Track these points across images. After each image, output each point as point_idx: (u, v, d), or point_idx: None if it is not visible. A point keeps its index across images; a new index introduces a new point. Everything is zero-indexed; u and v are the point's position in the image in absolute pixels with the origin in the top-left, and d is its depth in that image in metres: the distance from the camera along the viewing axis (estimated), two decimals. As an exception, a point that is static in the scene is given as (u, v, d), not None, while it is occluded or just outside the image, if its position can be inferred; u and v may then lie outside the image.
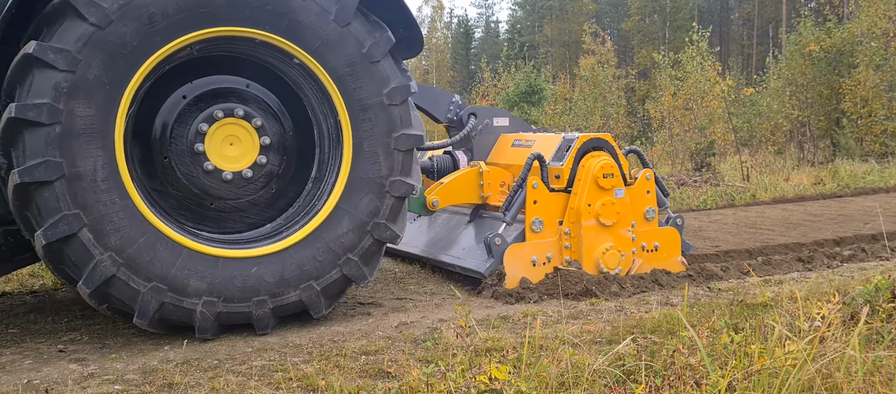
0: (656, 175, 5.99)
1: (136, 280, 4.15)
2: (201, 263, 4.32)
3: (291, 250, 4.54)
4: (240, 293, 4.39)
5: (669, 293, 5.50)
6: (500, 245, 5.40)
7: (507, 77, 26.36)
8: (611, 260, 5.57)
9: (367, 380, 3.60)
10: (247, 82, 4.96)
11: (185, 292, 4.26)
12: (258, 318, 4.45)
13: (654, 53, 24.23)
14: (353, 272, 4.66)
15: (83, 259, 4.04)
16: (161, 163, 4.79)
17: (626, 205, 5.68)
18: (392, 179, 4.72)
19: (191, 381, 3.62)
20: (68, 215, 3.97)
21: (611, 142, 5.86)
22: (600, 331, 4.34)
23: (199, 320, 4.30)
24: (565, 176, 5.64)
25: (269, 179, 4.94)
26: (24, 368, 3.97)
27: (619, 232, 5.65)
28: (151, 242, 4.18)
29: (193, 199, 4.84)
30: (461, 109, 6.63)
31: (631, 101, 36.33)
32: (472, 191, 6.06)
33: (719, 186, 13.13)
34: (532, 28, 62.66)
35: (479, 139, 6.52)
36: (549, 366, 3.31)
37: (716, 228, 8.56)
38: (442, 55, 60.85)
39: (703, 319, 4.21)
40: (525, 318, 4.73)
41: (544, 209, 5.54)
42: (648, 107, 24.94)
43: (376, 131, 4.68)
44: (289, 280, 4.51)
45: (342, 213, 4.64)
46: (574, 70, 41.98)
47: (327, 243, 4.59)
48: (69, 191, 3.96)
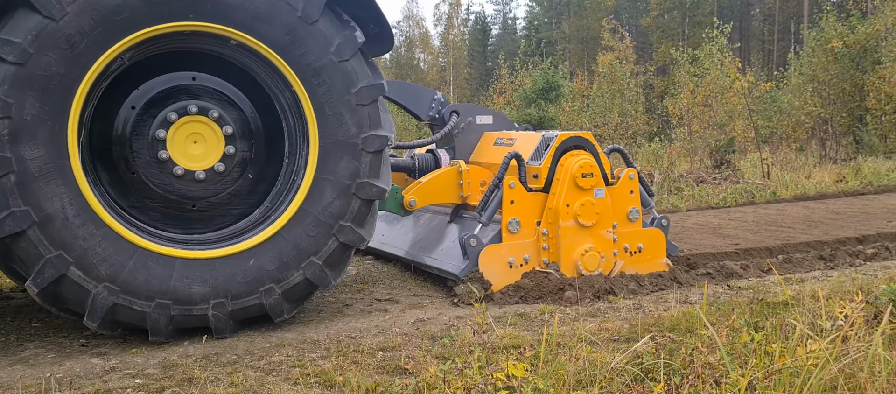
0: (640, 174, 5.83)
1: (137, 302, 4.13)
2: (199, 269, 4.28)
3: (270, 241, 4.45)
4: (245, 288, 4.37)
5: (688, 291, 5.45)
6: (475, 246, 5.24)
7: (524, 74, 26.28)
8: (590, 262, 5.38)
9: (384, 376, 3.61)
10: (193, 75, 4.81)
11: (191, 301, 4.24)
12: (271, 306, 4.43)
13: (673, 50, 24.02)
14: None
15: (80, 296, 4.03)
16: (131, 179, 4.70)
17: (607, 205, 5.51)
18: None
19: (210, 376, 3.65)
20: (52, 258, 3.92)
21: (591, 140, 5.70)
22: (618, 329, 4.32)
23: (213, 322, 4.31)
24: (543, 175, 5.48)
25: (244, 166, 4.84)
26: (47, 361, 4.03)
27: (600, 233, 5.47)
28: (142, 262, 4.14)
29: (174, 206, 4.76)
30: (443, 106, 6.46)
31: (649, 97, 36.06)
32: (452, 190, 5.91)
33: (739, 183, 12.99)
34: (550, 25, 62.41)
35: (462, 137, 6.36)
36: (566, 363, 3.29)
37: (736, 226, 8.47)
38: (459, 52, 60.83)
39: (723, 317, 4.17)
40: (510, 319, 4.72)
41: (521, 210, 5.39)
42: (667, 103, 24.71)
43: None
44: (288, 263, 4.45)
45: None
46: (592, 67, 41.80)
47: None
48: (45, 235, 3.90)
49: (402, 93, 6.54)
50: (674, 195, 11.74)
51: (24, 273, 4.03)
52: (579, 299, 5.06)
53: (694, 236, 7.78)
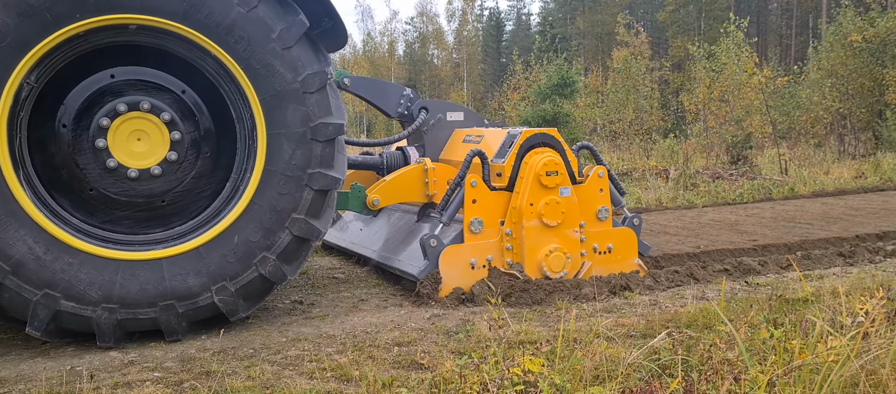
0: (610, 172, 5.65)
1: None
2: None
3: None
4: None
5: (705, 288, 5.42)
6: (435, 247, 5.07)
7: (538, 70, 26.19)
8: (555, 263, 5.20)
9: (400, 371, 3.62)
10: (111, 72, 4.55)
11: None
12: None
13: (689, 45, 23.83)
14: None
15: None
16: (92, 196, 4.52)
17: (574, 204, 5.32)
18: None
19: (227, 369, 3.68)
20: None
21: (557, 137, 5.50)
22: (634, 325, 4.30)
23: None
24: (507, 174, 5.30)
25: (196, 149, 4.65)
26: (67, 354, 4.07)
27: (565, 233, 5.29)
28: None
29: (141, 208, 4.60)
30: (412, 102, 6.31)
31: (664, 93, 35.79)
32: (417, 189, 5.73)
33: (756, 179, 12.88)
34: (564, 20, 62.11)
35: (431, 134, 6.22)
36: (583, 359, 3.28)
37: (753, 222, 8.40)
38: (473, 48, 60.70)
39: (741, 314, 4.13)
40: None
41: (484, 209, 5.21)
42: (682, 99, 24.55)
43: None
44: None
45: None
46: (606, 62, 41.57)
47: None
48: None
49: (370, 89, 6.38)
50: (689, 191, 11.66)
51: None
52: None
53: (710, 233, 7.72)
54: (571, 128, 16.13)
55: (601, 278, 5.27)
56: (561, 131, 15.62)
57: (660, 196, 11.06)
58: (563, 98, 16.43)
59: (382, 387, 3.26)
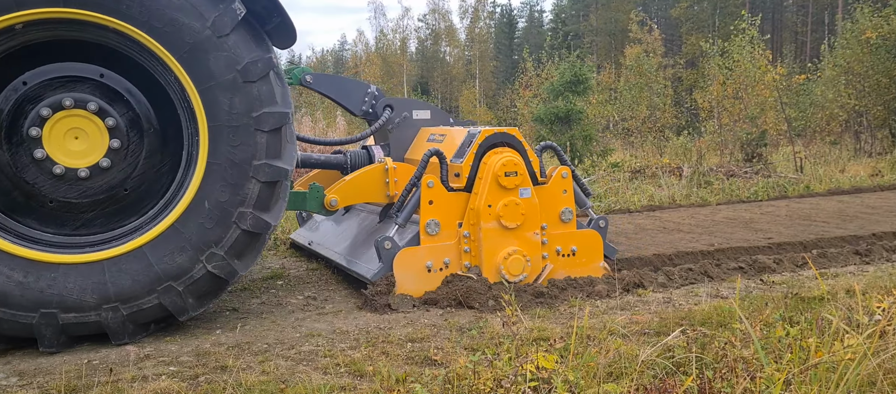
0: (575, 173, 5.50)
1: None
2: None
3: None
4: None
5: (719, 286, 5.39)
6: (389, 249, 4.93)
7: (550, 67, 26.12)
8: (514, 266, 5.05)
9: (413, 367, 3.62)
10: (23, 80, 4.30)
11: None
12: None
13: (703, 42, 23.67)
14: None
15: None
16: (51, 207, 4.40)
17: (534, 206, 5.15)
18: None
19: (242, 364, 3.70)
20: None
21: (518, 137, 5.33)
22: (648, 322, 4.28)
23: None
24: (465, 174, 5.15)
25: (136, 130, 4.47)
26: (83, 348, 4.11)
27: (525, 235, 5.13)
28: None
29: (107, 203, 4.49)
30: (377, 100, 6.16)
31: (678, 90, 35.59)
32: (377, 189, 5.58)
33: (771, 177, 12.78)
34: (577, 17, 61.89)
35: (397, 133, 6.08)
36: (596, 356, 3.28)
37: (768, 220, 8.34)
38: (485, 45, 60.64)
39: (756, 312, 4.11)
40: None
41: (441, 210, 5.06)
42: (696, 96, 24.38)
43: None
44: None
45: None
46: (619, 59, 41.36)
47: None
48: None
49: (333, 86, 6.22)
50: (703, 189, 11.59)
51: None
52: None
53: (725, 230, 7.68)
54: (584, 125, 16.04)
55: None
56: (574, 128, 15.66)
57: (673, 194, 11.01)
58: (575, 95, 16.34)
59: (396, 382, 3.26)
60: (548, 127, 16.48)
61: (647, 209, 9.88)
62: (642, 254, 6.36)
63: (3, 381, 3.55)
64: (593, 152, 15.49)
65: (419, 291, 4.94)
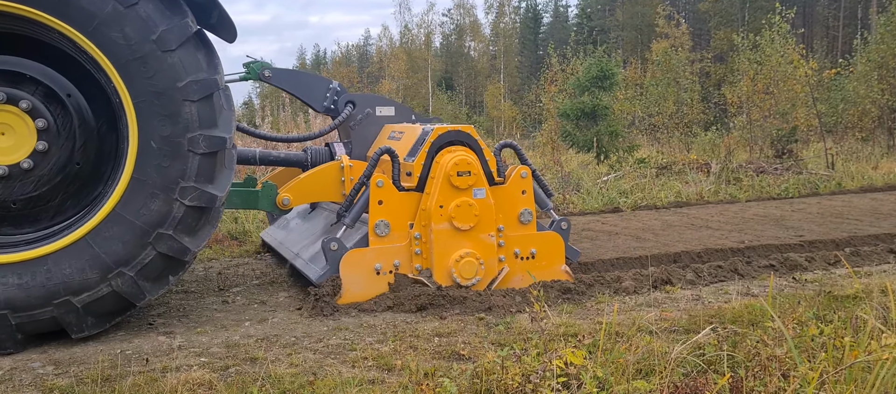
0: (535, 172, 5.31)
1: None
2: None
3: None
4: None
5: (749, 283, 5.32)
6: (336, 251, 4.78)
7: (575, 62, 25.93)
8: (466, 269, 4.85)
9: (440, 361, 3.63)
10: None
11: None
12: (65, 320, 4.03)
13: (734, 35, 23.32)
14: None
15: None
16: (17, 209, 4.31)
17: (489, 207, 4.95)
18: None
19: (271, 356, 3.74)
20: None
21: (473, 135, 5.14)
22: (677, 319, 4.24)
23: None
24: (417, 173, 4.97)
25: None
26: (117, 339, 4.19)
27: (480, 237, 4.93)
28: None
29: (66, 192, 4.38)
30: (339, 96, 6.01)
31: (705, 85, 35.11)
32: (332, 188, 5.42)
33: (802, 174, 12.57)
34: (603, 12, 61.36)
35: (360, 130, 5.96)
36: (625, 352, 3.25)
37: (799, 218, 8.20)
38: (509, 41, 60.36)
39: (789, 310, 4.04)
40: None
41: (391, 211, 4.88)
42: (725, 91, 24.02)
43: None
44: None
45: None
46: (646, 54, 40.92)
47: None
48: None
49: (293, 82, 6.09)
50: (732, 186, 11.44)
51: None
52: None
53: (754, 227, 7.57)
54: (610, 121, 15.91)
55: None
56: (600, 124, 15.53)
57: (701, 190, 10.88)
58: (601, 91, 16.21)
59: (424, 377, 3.27)
60: (573, 122, 16.37)
61: (675, 206, 9.78)
62: (670, 251, 6.30)
63: (40, 370, 3.63)
64: (619, 148, 15.35)
65: (367, 295, 4.76)
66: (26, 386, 3.38)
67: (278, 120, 16.93)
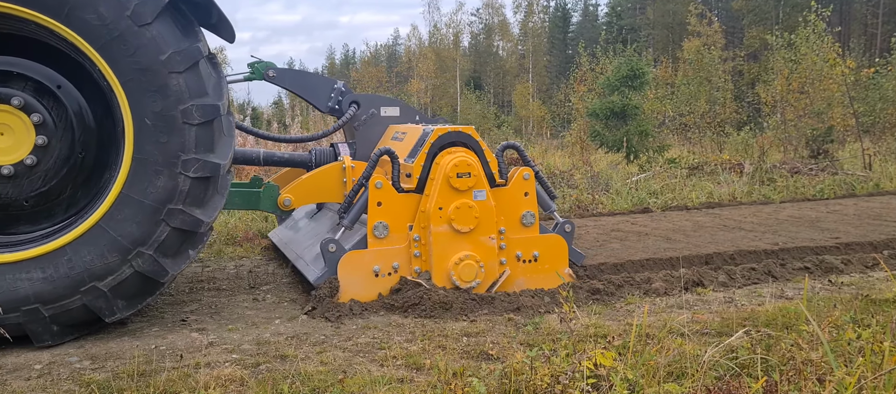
0: (538, 174, 5.21)
1: None
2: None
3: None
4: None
5: (783, 286, 5.22)
6: (334, 252, 4.74)
7: (605, 61, 25.73)
8: (466, 272, 4.78)
9: (469, 361, 3.63)
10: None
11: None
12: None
13: (767, 34, 22.91)
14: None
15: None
16: (29, 208, 4.34)
17: (490, 209, 4.88)
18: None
19: (301, 354, 3.78)
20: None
21: (474, 136, 5.06)
22: (709, 322, 4.18)
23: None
24: (416, 175, 4.92)
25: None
26: (151, 335, 4.27)
27: (479, 240, 4.85)
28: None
29: (68, 190, 4.41)
30: (343, 96, 5.98)
31: (738, 84, 34.58)
32: (334, 189, 5.37)
33: (838, 174, 12.30)
34: (633, 10, 60.76)
35: (364, 131, 5.90)
36: (656, 355, 3.22)
37: (835, 219, 8.03)
38: (538, 40, 60.14)
39: (824, 314, 3.96)
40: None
41: (390, 212, 4.83)
42: (759, 91, 23.63)
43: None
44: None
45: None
46: (677, 53, 40.41)
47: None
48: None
49: (297, 82, 6.06)
50: (766, 186, 11.24)
51: None
52: None
53: (789, 229, 7.43)
54: (640, 120, 15.75)
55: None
56: (629, 124, 15.38)
57: (733, 191, 10.71)
58: (631, 90, 16.06)
59: (453, 376, 3.27)
60: (603, 122, 16.25)
61: (706, 206, 9.64)
62: (701, 252, 6.21)
63: (77, 364, 3.72)
64: (649, 148, 15.20)
65: (365, 297, 4.72)
66: (64, 380, 3.46)
67: (308, 119, 17.07)
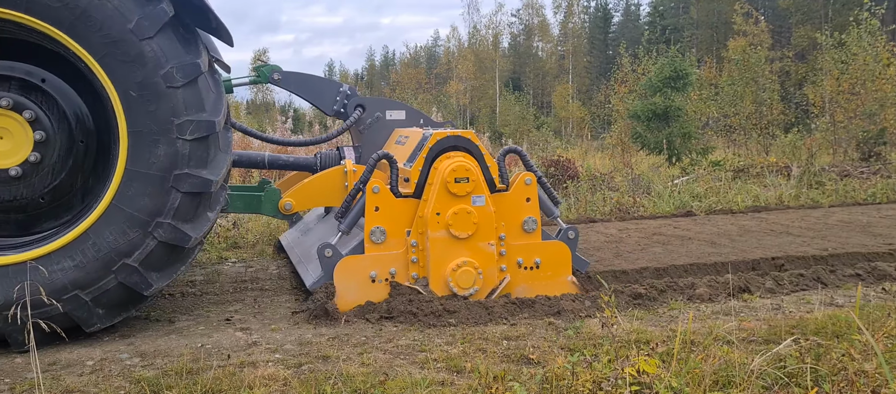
0: (541, 179, 5.11)
1: None
2: None
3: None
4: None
5: (834, 293, 5.08)
6: (330, 257, 4.71)
7: (647, 62, 25.39)
8: (464, 279, 4.70)
9: (510, 365, 3.62)
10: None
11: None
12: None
13: (817, 34, 22.29)
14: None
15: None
16: (41, 205, 4.40)
17: (489, 215, 4.79)
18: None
19: (342, 355, 3.82)
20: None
21: (474, 140, 4.97)
22: (756, 329, 4.09)
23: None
24: (414, 180, 4.86)
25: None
26: (197, 333, 4.37)
27: (478, 246, 4.77)
28: None
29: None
30: (349, 99, 5.96)
31: (785, 85, 33.71)
32: (336, 193, 5.31)
33: (891, 178, 11.89)
34: (676, 10, 59.79)
35: (370, 134, 5.86)
36: (701, 362, 3.16)
37: (888, 224, 7.77)
38: (579, 41, 59.62)
39: (877, 322, 3.84)
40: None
41: (388, 217, 4.78)
42: (807, 91, 23.01)
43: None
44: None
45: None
46: (722, 53, 39.59)
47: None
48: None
49: (303, 85, 6.04)
50: (814, 190, 10.94)
51: None
52: None
53: (839, 234, 7.21)
54: (683, 121, 15.49)
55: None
56: (672, 125, 15.13)
57: (781, 194, 10.45)
58: (674, 91, 15.80)
59: (494, 380, 3.27)
60: (644, 124, 16.03)
61: (752, 210, 9.43)
62: (747, 257, 6.08)
63: (128, 361, 3.82)
64: (692, 150, 14.93)
65: (361, 303, 4.66)
66: (115, 376, 3.57)
67: (335, 120, 17.25)
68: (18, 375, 3.64)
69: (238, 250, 7.42)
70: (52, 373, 3.63)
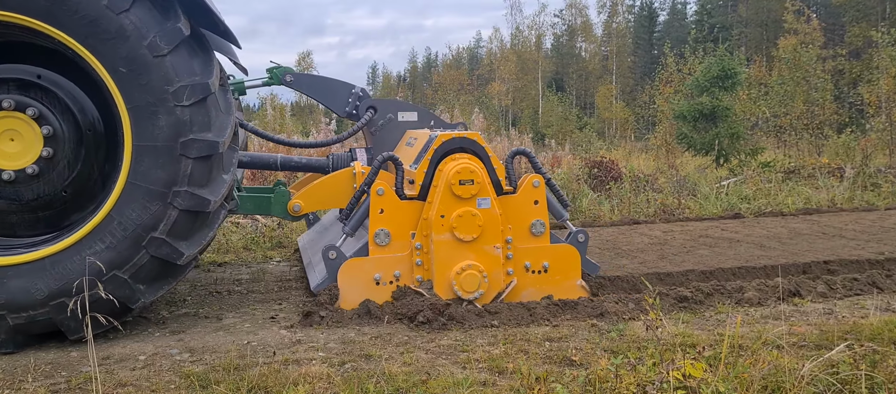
0: (550, 181, 5.02)
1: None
2: None
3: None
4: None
5: (890, 298, 4.90)
6: (334, 259, 4.69)
7: (693, 61, 24.92)
8: (468, 282, 4.64)
9: (552, 366, 3.60)
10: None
11: None
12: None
13: (872, 31, 21.55)
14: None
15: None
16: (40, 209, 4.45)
17: (494, 217, 4.72)
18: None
19: (385, 354, 3.85)
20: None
21: (480, 142, 4.89)
22: (807, 334, 3.97)
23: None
24: (419, 182, 4.80)
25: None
26: (243, 330, 4.46)
27: (483, 249, 4.71)
28: None
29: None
30: (361, 101, 5.94)
31: (839, 84, 32.69)
32: (344, 195, 5.27)
33: (952, 179, 11.43)
34: (725, 8, 58.52)
35: (381, 136, 5.82)
36: (749, 367, 3.09)
37: (949, 228, 7.47)
38: (623, 40, 58.85)
39: (937, 329, 3.70)
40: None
41: (393, 220, 4.73)
42: (862, 91, 22.26)
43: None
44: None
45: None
46: (772, 52, 38.60)
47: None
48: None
49: (315, 87, 6.03)
50: (869, 192, 10.58)
51: None
52: None
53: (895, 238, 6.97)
54: (731, 122, 15.14)
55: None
56: (719, 126, 14.80)
57: (833, 196, 10.14)
58: (722, 90, 15.46)
59: (536, 381, 3.25)
60: (690, 124, 15.72)
61: (803, 213, 9.16)
62: (798, 260, 5.92)
63: (177, 356, 3.93)
64: (741, 151, 14.58)
65: (365, 304, 4.65)
66: (165, 371, 3.67)
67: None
68: (74, 368, 3.77)
69: (282, 250, 7.55)
70: (106, 367, 3.76)
